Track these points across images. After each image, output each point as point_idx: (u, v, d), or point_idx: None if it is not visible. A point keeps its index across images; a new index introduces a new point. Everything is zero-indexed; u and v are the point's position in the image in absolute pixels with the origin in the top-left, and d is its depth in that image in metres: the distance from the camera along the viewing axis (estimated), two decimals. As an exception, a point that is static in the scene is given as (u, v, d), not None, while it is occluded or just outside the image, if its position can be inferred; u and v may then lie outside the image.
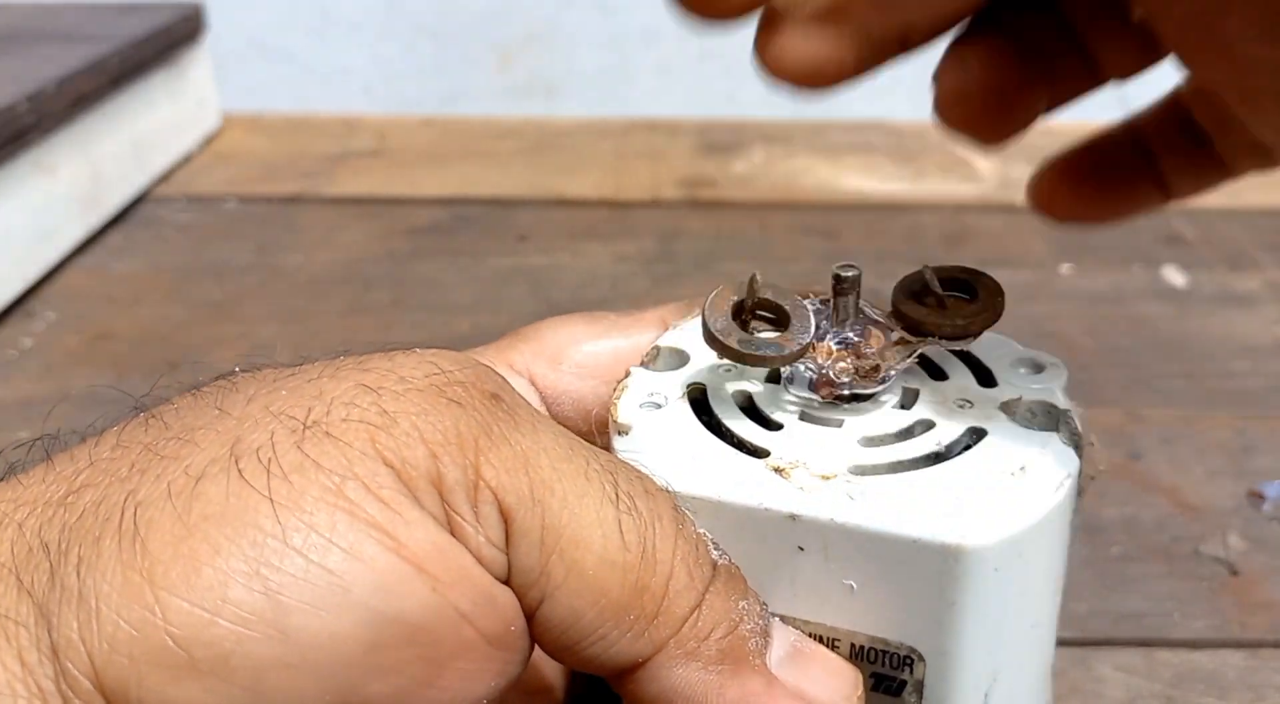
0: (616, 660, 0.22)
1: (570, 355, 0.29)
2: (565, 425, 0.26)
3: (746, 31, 0.24)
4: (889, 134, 0.83)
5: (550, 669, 0.29)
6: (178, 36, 0.77)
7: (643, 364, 0.28)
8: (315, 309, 0.60)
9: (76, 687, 0.19)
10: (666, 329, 0.29)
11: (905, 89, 0.97)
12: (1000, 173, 0.76)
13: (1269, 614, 0.38)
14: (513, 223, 0.70)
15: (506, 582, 0.22)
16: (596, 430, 0.27)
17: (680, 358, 0.28)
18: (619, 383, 0.28)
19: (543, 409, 0.29)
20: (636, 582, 0.22)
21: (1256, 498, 0.44)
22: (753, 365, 0.26)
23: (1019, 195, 0.81)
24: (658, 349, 0.29)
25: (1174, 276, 0.62)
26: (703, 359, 0.28)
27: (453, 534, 0.21)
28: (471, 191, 0.75)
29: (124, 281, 0.63)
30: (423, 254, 0.66)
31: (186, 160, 0.79)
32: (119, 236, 0.68)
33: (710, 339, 0.26)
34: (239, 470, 0.21)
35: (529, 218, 0.71)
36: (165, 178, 0.76)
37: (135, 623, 0.19)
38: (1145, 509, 0.43)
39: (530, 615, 0.22)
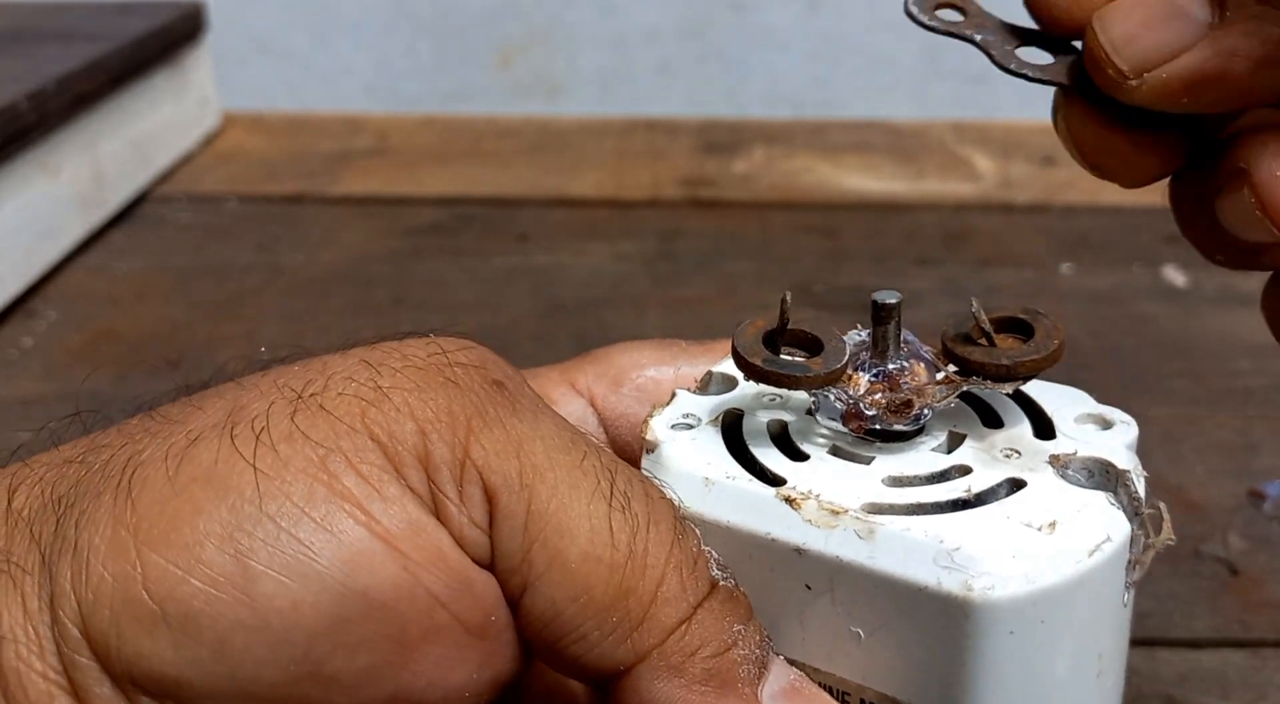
0: (598, 665, 0.22)
1: (633, 378, 0.29)
2: (622, 451, 0.26)
3: (746, 32, 0.24)
4: (889, 134, 0.83)
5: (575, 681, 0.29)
6: (179, 36, 0.77)
7: (693, 388, 0.28)
8: (317, 309, 0.60)
9: (66, 634, 0.20)
10: None
11: (905, 89, 0.97)
12: (1000, 172, 0.76)
13: (1270, 614, 0.38)
14: (514, 222, 0.70)
15: (490, 567, 0.22)
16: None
17: (729, 384, 0.28)
18: (662, 404, 0.27)
19: (600, 433, 0.28)
20: (622, 582, 0.21)
21: (1257, 497, 0.44)
22: (776, 385, 0.25)
23: (1019, 195, 0.81)
24: (711, 374, 0.28)
25: (1174, 276, 0.62)
26: (751, 386, 0.27)
27: (436, 513, 0.21)
28: (473, 191, 0.75)
29: (125, 281, 0.63)
30: (424, 253, 0.66)
31: (188, 160, 0.79)
32: (120, 236, 0.68)
33: (736, 359, 0.25)
34: (231, 437, 0.21)
35: (530, 217, 0.71)
36: (167, 177, 0.76)
37: (117, 576, 0.20)
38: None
39: (514, 606, 0.22)
